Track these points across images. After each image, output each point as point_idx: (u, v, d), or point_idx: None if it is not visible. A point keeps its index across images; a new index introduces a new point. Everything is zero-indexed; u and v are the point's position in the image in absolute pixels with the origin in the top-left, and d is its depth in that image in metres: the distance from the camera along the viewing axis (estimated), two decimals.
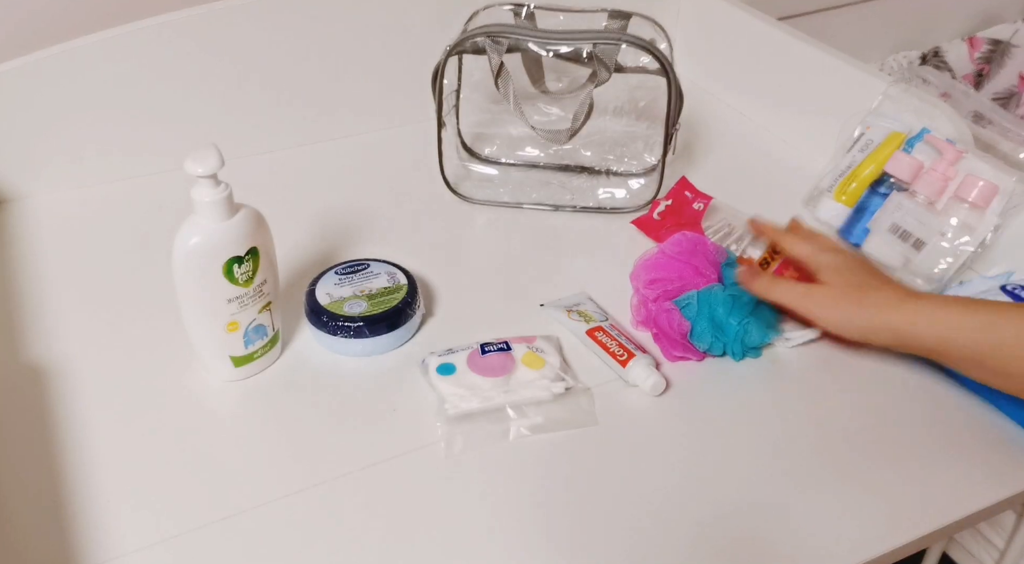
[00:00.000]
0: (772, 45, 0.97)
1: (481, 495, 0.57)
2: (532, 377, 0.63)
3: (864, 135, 0.83)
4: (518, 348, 0.65)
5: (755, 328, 0.67)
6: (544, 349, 0.66)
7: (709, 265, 0.71)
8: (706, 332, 0.67)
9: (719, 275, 0.71)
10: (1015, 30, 1.31)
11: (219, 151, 0.57)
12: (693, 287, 0.69)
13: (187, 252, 0.59)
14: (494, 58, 0.78)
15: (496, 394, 0.62)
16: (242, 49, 0.87)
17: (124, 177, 0.88)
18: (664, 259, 0.71)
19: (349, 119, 0.96)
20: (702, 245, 0.72)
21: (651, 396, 0.64)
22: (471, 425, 0.61)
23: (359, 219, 0.84)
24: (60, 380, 0.65)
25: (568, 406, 0.63)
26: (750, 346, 0.68)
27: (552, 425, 0.62)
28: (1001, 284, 0.71)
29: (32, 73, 0.79)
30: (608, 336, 0.67)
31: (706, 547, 0.55)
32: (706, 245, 0.73)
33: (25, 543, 0.54)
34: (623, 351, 0.65)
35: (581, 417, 0.63)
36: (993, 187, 0.73)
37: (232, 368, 0.64)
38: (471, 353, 0.64)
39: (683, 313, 0.67)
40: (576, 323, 0.69)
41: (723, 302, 0.67)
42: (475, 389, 0.62)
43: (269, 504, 0.56)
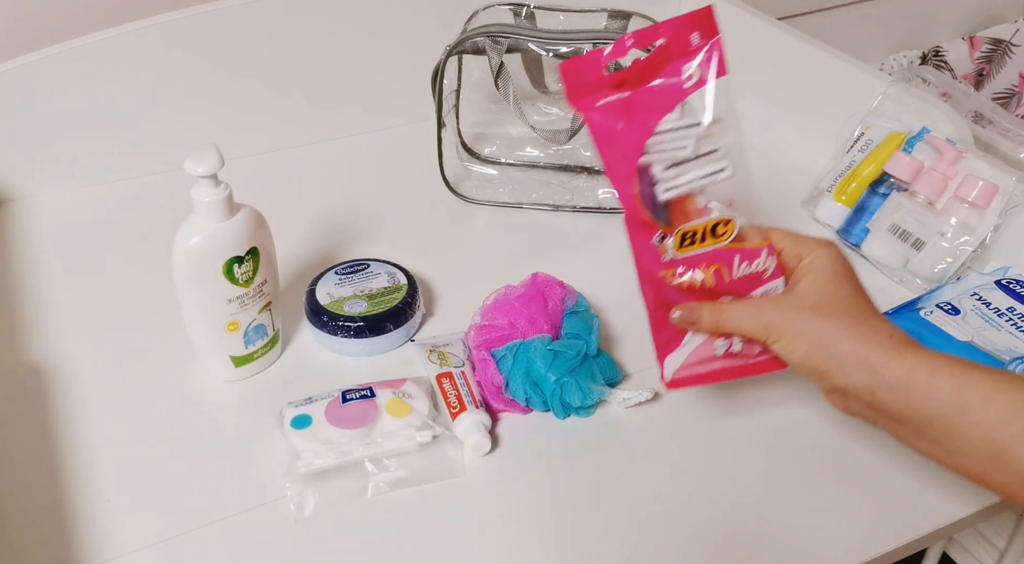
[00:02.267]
0: (772, 45, 0.97)
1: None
2: (397, 426, 0.59)
3: (864, 135, 0.83)
4: (383, 394, 0.61)
5: (573, 387, 0.61)
6: (412, 394, 0.61)
7: (544, 314, 0.64)
8: (520, 388, 0.61)
9: (553, 325, 0.64)
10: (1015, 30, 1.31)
11: (219, 151, 0.57)
12: (520, 337, 0.63)
13: (187, 252, 0.59)
14: (494, 58, 0.78)
15: (355, 447, 0.57)
16: (242, 49, 0.87)
17: (124, 177, 0.88)
18: (503, 302, 0.66)
19: (349, 119, 0.96)
20: (550, 289, 0.66)
21: (476, 456, 0.60)
22: (325, 483, 0.57)
23: (359, 219, 0.83)
24: (60, 380, 0.65)
25: (434, 456, 0.59)
26: (572, 406, 0.62)
27: (416, 478, 0.58)
28: (996, 279, 0.71)
29: (32, 73, 0.79)
30: (452, 384, 0.62)
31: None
32: (552, 289, 0.66)
33: (25, 543, 0.54)
34: (458, 403, 0.61)
35: (447, 468, 0.58)
36: (993, 187, 0.73)
37: (232, 368, 0.64)
38: (331, 402, 0.60)
39: (499, 365, 0.63)
40: (433, 365, 0.64)
41: (542, 356, 0.61)
42: (332, 443, 0.57)
43: (269, 504, 0.56)
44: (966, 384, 0.45)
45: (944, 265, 0.74)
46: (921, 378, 0.46)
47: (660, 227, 0.52)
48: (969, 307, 0.69)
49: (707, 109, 0.51)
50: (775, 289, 0.52)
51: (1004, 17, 1.40)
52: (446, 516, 0.56)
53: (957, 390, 0.45)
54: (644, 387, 0.63)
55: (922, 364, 0.47)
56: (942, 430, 0.46)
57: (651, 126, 0.51)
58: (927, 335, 0.69)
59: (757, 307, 0.52)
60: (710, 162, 0.52)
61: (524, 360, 0.62)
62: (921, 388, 0.46)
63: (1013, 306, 0.68)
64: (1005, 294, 0.69)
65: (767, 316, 0.51)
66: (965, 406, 0.45)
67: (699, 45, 0.51)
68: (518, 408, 0.63)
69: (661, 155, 0.51)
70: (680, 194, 0.52)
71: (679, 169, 0.52)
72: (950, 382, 0.46)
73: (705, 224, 0.52)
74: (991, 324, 0.67)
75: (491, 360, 0.63)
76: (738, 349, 0.53)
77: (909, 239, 0.75)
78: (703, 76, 0.51)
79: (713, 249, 0.52)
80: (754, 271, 0.52)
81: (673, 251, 0.52)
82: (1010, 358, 0.65)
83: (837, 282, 0.51)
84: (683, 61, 0.51)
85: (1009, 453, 0.44)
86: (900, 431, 0.49)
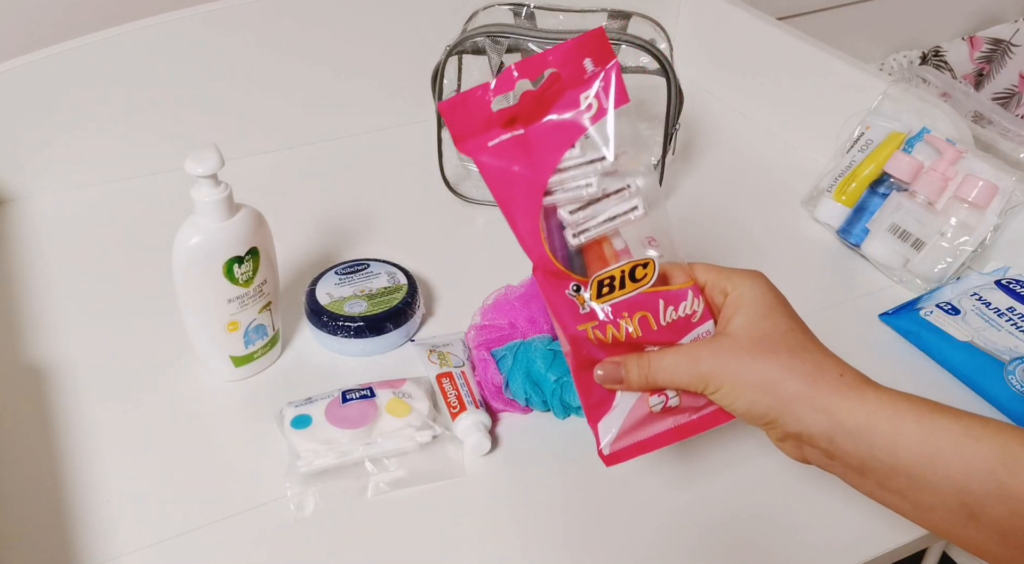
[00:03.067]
0: (772, 45, 0.97)
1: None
2: (397, 426, 0.59)
3: (864, 135, 0.83)
4: (383, 394, 0.61)
5: (572, 386, 0.57)
6: (412, 394, 0.61)
7: (545, 313, 0.62)
8: (520, 388, 0.61)
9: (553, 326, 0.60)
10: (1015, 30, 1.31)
11: (219, 151, 0.57)
12: (520, 336, 0.63)
13: (187, 252, 0.59)
14: (494, 58, 0.78)
15: (355, 447, 0.57)
16: (242, 49, 0.87)
17: (124, 177, 0.88)
18: (502, 302, 0.65)
19: (349, 119, 0.96)
20: None
21: (476, 456, 0.60)
22: (325, 483, 0.57)
23: (359, 219, 0.84)
24: (60, 380, 0.65)
25: (434, 456, 0.59)
26: (571, 406, 0.61)
27: (415, 478, 0.58)
28: (996, 279, 0.71)
29: (32, 73, 0.79)
30: (452, 384, 0.62)
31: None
32: None
33: (25, 543, 0.54)
34: (458, 403, 0.61)
35: (447, 468, 0.58)
36: (993, 187, 0.73)
37: (232, 368, 0.64)
38: (331, 402, 0.60)
39: (499, 365, 0.62)
40: (433, 365, 0.64)
41: (542, 356, 0.60)
42: (332, 443, 0.57)
43: (269, 504, 0.56)
44: (933, 432, 0.41)
45: (944, 265, 0.74)
46: (883, 424, 0.41)
47: (573, 277, 0.46)
48: (969, 307, 0.69)
49: (610, 142, 0.46)
50: (707, 332, 0.47)
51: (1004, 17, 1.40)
52: (446, 516, 0.56)
53: (924, 438, 0.40)
54: None
55: (883, 408, 0.42)
56: (908, 482, 0.41)
57: (551, 164, 0.46)
58: (927, 335, 0.69)
59: (689, 354, 0.46)
60: (621, 200, 0.47)
61: (524, 360, 0.62)
62: (885, 435, 0.41)
63: (1013, 306, 0.68)
64: (1005, 294, 0.69)
65: (702, 364, 0.45)
66: (934, 457, 0.40)
67: (594, 72, 0.45)
68: (518, 408, 0.63)
69: (566, 195, 0.46)
70: (592, 237, 0.47)
71: (588, 211, 0.46)
72: (915, 428, 0.41)
73: (622, 268, 0.46)
74: (991, 324, 0.67)
75: (491, 360, 0.63)
76: (675, 403, 0.47)
77: (909, 239, 0.75)
78: (602, 105, 0.45)
79: (634, 294, 0.46)
80: (682, 315, 0.46)
81: (591, 302, 0.46)
82: (1010, 358, 0.65)
83: (772, 316, 0.45)
84: (578, 90, 0.46)
85: (983, 511, 0.39)
86: (860, 481, 0.43)
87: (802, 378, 0.43)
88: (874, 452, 0.41)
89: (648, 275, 0.46)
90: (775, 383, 0.43)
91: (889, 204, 0.77)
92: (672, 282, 0.47)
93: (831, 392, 0.42)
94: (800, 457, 0.45)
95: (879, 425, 0.41)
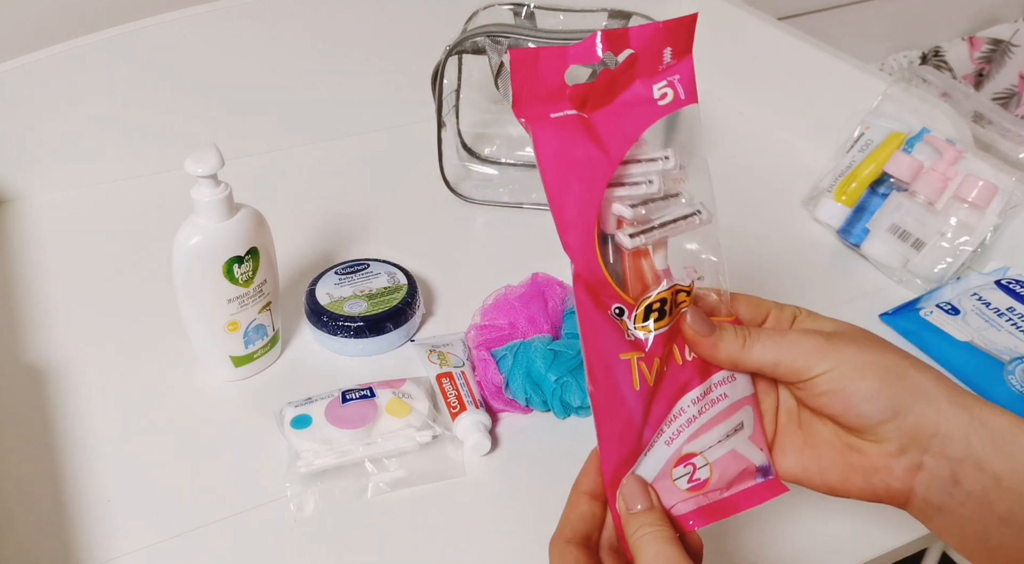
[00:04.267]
0: (772, 45, 0.97)
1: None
2: (397, 426, 0.59)
3: (864, 135, 0.83)
4: (383, 394, 0.61)
5: (574, 387, 0.60)
6: (412, 394, 0.61)
7: (544, 313, 0.64)
8: (520, 388, 0.61)
9: (553, 324, 0.64)
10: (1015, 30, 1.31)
11: (219, 151, 0.57)
12: (520, 337, 0.63)
13: (187, 252, 0.59)
14: (494, 58, 0.78)
15: (355, 447, 0.57)
16: (242, 49, 0.87)
17: (124, 177, 0.88)
18: (502, 302, 0.65)
19: (349, 119, 0.96)
20: (549, 289, 0.66)
21: (476, 456, 0.60)
22: (325, 483, 0.57)
23: (359, 219, 0.84)
24: (60, 380, 0.65)
25: (434, 456, 0.59)
26: (572, 406, 0.61)
27: (416, 478, 0.58)
28: (996, 279, 0.71)
29: (32, 73, 0.79)
30: (452, 384, 0.62)
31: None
32: (552, 289, 0.66)
33: (25, 543, 0.54)
34: (458, 403, 0.61)
35: (447, 468, 0.58)
36: (993, 187, 0.73)
37: (232, 368, 0.64)
38: (331, 402, 0.60)
39: (499, 365, 0.62)
40: (433, 366, 0.64)
41: (542, 356, 0.61)
42: (332, 443, 0.57)
43: (269, 504, 0.56)
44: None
45: (944, 265, 0.74)
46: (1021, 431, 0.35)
47: (621, 294, 0.39)
48: (969, 307, 0.69)
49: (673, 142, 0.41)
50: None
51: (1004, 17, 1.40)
52: (446, 516, 0.56)
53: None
54: None
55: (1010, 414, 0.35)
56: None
57: (619, 155, 0.39)
58: (927, 335, 0.69)
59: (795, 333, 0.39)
60: (679, 204, 0.41)
61: (524, 360, 0.62)
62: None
63: (1013, 306, 0.68)
64: (1005, 294, 0.69)
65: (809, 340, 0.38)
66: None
67: (670, 64, 0.41)
68: (518, 408, 0.63)
69: (627, 191, 0.40)
70: (653, 239, 0.40)
71: (649, 208, 0.40)
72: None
73: (671, 290, 0.39)
74: (991, 324, 0.67)
75: (491, 360, 0.63)
76: (704, 476, 0.40)
77: (909, 239, 0.75)
78: (675, 99, 0.40)
79: (673, 323, 0.40)
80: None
81: (634, 329, 0.39)
82: (1010, 358, 0.65)
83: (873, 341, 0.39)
84: (652, 80, 0.41)
85: None
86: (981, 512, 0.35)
87: (932, 373, 0.37)
88: (1016, 465, 0.34)
89: (687, 302, 0.40)
90: (904, 369, 0.37)
91: (889, 204, 0.77)
92: (714, 311, 0.41)
93: (968, 394, 0.36)
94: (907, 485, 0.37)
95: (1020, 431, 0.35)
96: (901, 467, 0.37)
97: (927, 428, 0.36)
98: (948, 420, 0.36)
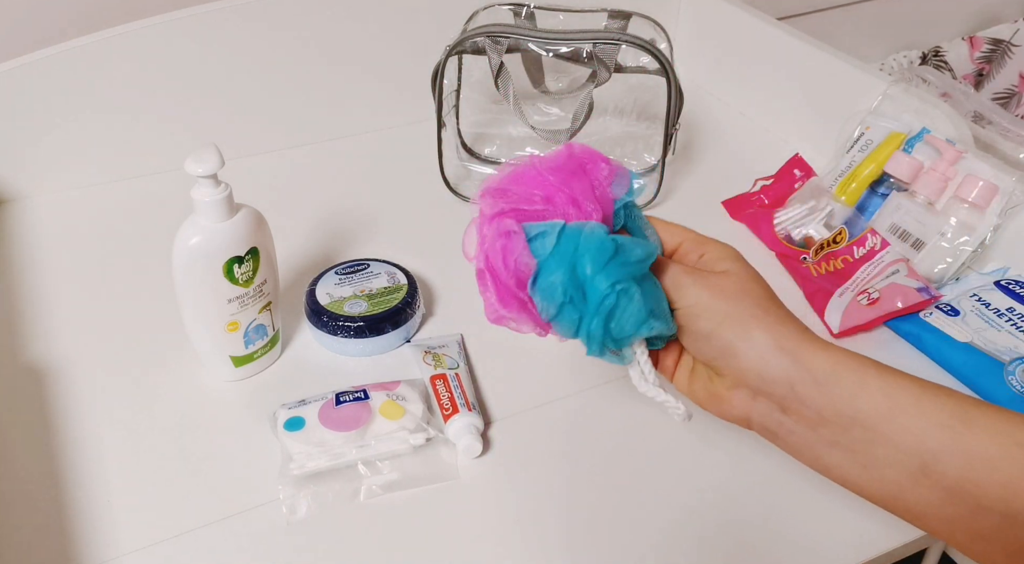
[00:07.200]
0: (772, 45, 0.97)
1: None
2: (390, 429, 0.58)
3: (864, 135, 0.83)
4: (376, 397, 0.60)
5: (634, 302, 0.42)
6: (406, 396, 0.61)
7: (592, 198, 0.45)
8: (557, 286, 0.42)
9: (605, 216, 0.45)
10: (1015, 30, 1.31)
11: (219, 151, 0.57)
12: (561, 218, 0.44)
13: (187, 252, 0.59)
14: (494, 58, 0.78)
15: (348, 450, 0.57)
16: (242, 49, 0.87)
17: (124, 177, 0.88)
18: (532, 173, 0.46)
19: (349, 119, 0.96)
20: (593, 165, 0.46)
21: (468, 459, 0.59)
22: (318, 486, 0.56)
23: (359, 219, 0.84)
24: (60, 380, 0.65)
25: (427, 459, 0.58)
26: (616, 335, 0.43)
27: (409, 481, 0.57)
28: (996, 279, 0.71)
29: (32, 73, 0.79)
30: (446, 386, 0.62)
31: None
32: (597, 166, 0.46)
33: (24, 543, 0.54)
34: (450, 405, 0.60)
35: (441, 471, 0.58)
36: (993, 187, 0.73)
37: (232, 368, 0.64)
38: (324, 405, 0.60)
39: (531, 246, 0.43)
40: (428, 367, 0.64)
41: (598, 249, 0.43)
42: (324, 445, 0.57)
43: (262, 507, 0.56)
44: (895, 387, 0.41)
45: (944, 265, 0.74)
46: (848, 374, 0.41)
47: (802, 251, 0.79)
48: (969, 308, 0.69)
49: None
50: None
51: (1004, 17, 1.40)
52: (439, 519, 0.56)
53: (886, 392, 0.41)
54: (677, 404, 0.48)
55: (848, 359, 0.42)
56: (864, 435, 0.40)
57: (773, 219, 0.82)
58: (927, 336, 0.69)
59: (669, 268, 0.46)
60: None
61: (571, 247, 0.43)
62: (848, 385, 0.41)
63: (1013, 306, 0.68)
64: (1004, 294, 0.69)
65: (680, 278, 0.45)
66: (894, 410, 0.40)
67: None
68: (532, 319, 0.44)
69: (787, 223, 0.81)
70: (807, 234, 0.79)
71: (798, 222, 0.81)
72: (878, 382, 0.41)
73: (825, 240, 0.77)
74: (991, 324, 0.67)
75: (520, 235, 0.44)
76: (876, 297, 0.70)
77: (909, 239, 0.75)
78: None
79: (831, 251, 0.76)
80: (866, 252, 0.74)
81: (812, 260, 0.77)
82: (1010, 358, 0.65)
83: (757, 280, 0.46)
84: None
85: (937, 464, 0.39)
86: (810, 438, 0.42)
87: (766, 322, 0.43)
88: (835, 402, 0.41)
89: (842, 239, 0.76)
90: (743, 317, 0.43)
91: (889, 204, 0.77)
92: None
93: (799, 339, 0.42)
94: (745, 412, 0.44)
95: (843, 374, 0.41)
96: (738, 398, 0.44)
97: (752, 371, 0.43)
98: (770, 365, 0.42)
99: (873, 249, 0.73)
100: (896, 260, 0.72)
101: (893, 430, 0.40)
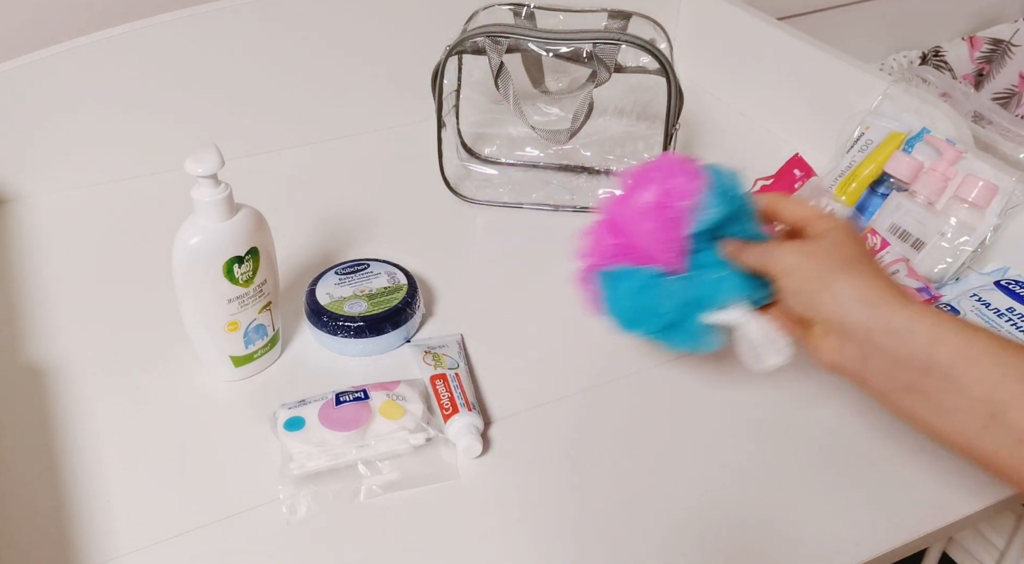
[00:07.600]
0: (772, 45, 0.97)
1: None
2: (390, 428, 0.58)
3: (864, 135, 0.83)
4: (376, 397, 0.60)
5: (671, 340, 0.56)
6: (406, 396, 0.61)
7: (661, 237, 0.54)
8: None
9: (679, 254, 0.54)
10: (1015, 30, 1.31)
11: (219, 151, 0.57)
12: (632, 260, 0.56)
13: (187, 252, 0.59)
14: (494, 58, 0.78)
15: (348, 450, 0.57)
16: (242, 49, 0.87)
17: (124, 177, 0.88)
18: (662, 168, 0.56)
19: (349, 119, 0.96)
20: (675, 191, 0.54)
21: (468, 459, 0.59)
22: (318, 486, 0.56)
23: (359, 219, 0.84)
24: (60, 380, 0.65)
25: (427, 459, 0.58)
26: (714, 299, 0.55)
27: (409, 481, 0.57)
28: (996, 279, 0.71)
29: (32, 73, 0.79)
30: (446, 386, 0.62)
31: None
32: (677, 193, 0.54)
33: (24, 543, 0.54)
34: (451, 405, 0.60)
35: (441, 471, 0.58)
36: (993, 187, 0.73)
37: (232, 368, 0.64)
38: (324, 404, 0.60)
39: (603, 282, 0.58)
40: (428, 367, 0.64)
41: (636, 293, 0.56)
42: (324, 445, 0.57)
43: (263, 507, 0.56)
44: (971, 339, 0.44)
45: (944, 265, 0.74)
46: (925, 326, 0.45)
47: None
48: (969, 308, 0.69)
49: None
50: None
51: (1004, 17, 1.39)
52: (439, 519, 0.56)
53: (963, 343, 0.44)
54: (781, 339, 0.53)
55: (927, 314, 0.46)
56: (940, 382, 0.44)
57: None
58: None
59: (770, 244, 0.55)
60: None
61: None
62: (925, 335, 0.45)
63: (1013, 306, 0.68)
64: (1004, 295, 0.69)
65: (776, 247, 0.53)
66: (970, 359, 0.44)
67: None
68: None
69: None
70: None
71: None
72: (955, 334, 0.45)
73: None
74: (991, 325, 0.67)
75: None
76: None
77: (909, 239, 0.75)
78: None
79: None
80: None
81: None
82: None
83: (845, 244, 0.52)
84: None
85: (1008, 412, 0.42)
86: (886, 382, 0.47)
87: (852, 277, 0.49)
88: (912, 349, 0.45)
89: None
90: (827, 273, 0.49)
91: (889, 204, 0.77)
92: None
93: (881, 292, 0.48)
94: (837, 358, 0.49)
95: (919, 326, 0.46)
96: (829, 345, 0.50)
97: (833, 320, 0.49)
98: (850, 315, 0.48)
99: (873, 249, 0.73)
100: (896, 260, 0.71)
101: (966, 380, 0.44)
